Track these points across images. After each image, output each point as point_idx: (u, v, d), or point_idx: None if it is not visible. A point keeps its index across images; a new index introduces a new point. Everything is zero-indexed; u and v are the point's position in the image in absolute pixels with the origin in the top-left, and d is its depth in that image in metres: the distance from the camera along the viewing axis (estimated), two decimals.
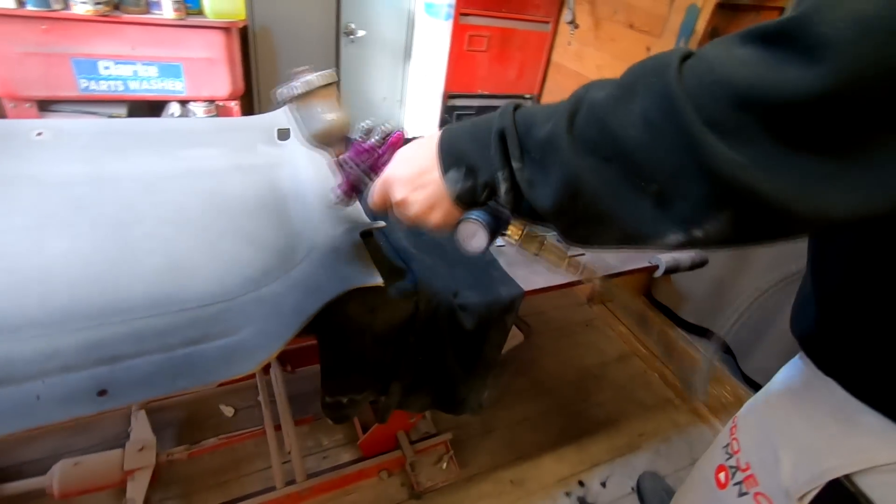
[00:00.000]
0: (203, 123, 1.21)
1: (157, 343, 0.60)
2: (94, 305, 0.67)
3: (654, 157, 0.34)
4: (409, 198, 0.53)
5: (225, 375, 0.57)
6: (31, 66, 1.54)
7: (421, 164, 0.52)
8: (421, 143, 0.53)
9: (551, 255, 0.58)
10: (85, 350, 0.58)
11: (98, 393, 0.54)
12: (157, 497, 1.31)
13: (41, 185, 0.95)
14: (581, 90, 0.41)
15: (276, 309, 0.65)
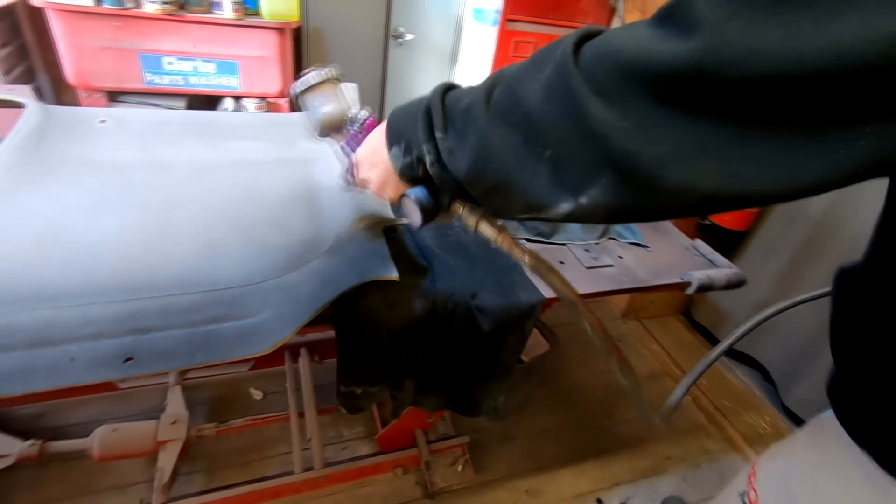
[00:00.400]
0: (249, 117, 1.27)
1: (182, 319, 0.63)
2: (132, 281, 0.72)
3: (548, 122, 0.37)
4: (367, 176, 0.61)
5: (239, 354, 0.60)
6: (104, 60, 1.67)
7: (374, 146, 0.58)
8: (380, 126, 0.59)
9: (488, 230, 0.59)
10: (118, 320, 0.62)
11: (124, 360, 0.58)
12: (185, 469, 1.38)
13: (100, 168, 1.03)
14: (505, 67, 0.45)
15: (293, 295, 0.68)
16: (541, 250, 1.09)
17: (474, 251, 1.02)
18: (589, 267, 1.05)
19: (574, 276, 1.01)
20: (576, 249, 1.10)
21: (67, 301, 0.65)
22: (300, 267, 0.78)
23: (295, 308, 0.65)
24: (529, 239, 1.11)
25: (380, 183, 0.59)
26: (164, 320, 0.63)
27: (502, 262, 1.00)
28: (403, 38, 2.22)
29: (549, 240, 1.11)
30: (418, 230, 0.65)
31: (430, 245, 0.98)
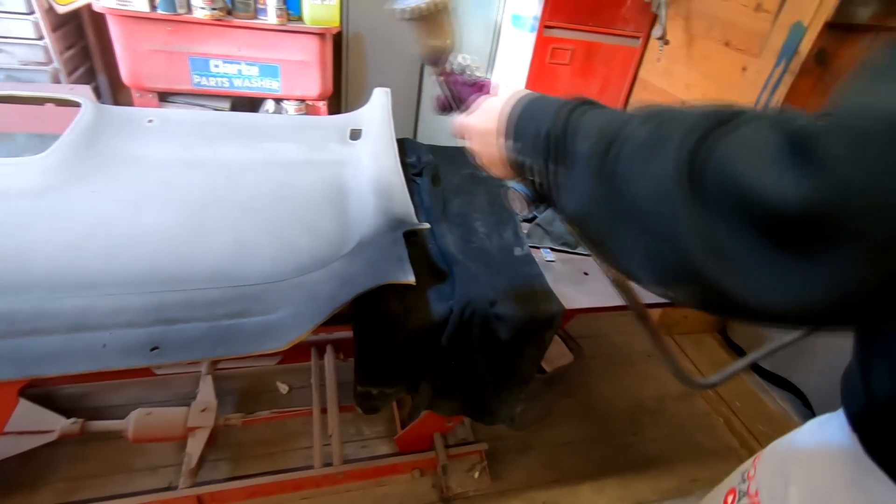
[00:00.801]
0: (285, 120, 1.32)
1: (207, 312, 0.66)
2: (164, 273, 0.76)
3: (651, 216, 0.37)
4: (477, 149, 0.60)
5: (258, 349, 0.62)
6: (156, 62, 1.76)
7: (488, 125, 0.56)
8: (498, 103, 0.56)
9: None
10: (147, 311, 0.66)
11: (151, 349, 0.61)
12: (212, 456, 1.43)
13: (145, 165, 1.09)
14: (627, 117, 0.43)
15: (312, 295, 0.70)
16: (566, 260, 1.08)
17: (497, 258, 1.02)
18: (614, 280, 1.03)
19: (597, 287, 1.00)
20: (589, 261, 1.08)
21: (105, 290, 0.70)
22: (322, 267, 0.80)
23: (313, 307, 0.67)
24: (555, 248, 1.10)
25: (489, 161, 0.58)
26: (190, 312, 0.66)
27: (524, 270, 1.00)
28: None
29: (574, 250, 1.10)
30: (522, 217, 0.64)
31: (452, 251, 0.99)
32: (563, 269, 1.04)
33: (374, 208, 0.93)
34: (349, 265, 0.75)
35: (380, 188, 1.00)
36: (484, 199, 1.24)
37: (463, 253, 1.01)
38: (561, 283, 0.99)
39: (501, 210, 1.20)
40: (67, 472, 1.34)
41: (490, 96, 0.59)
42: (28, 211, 0.92)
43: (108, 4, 1.61)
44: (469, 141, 0.61)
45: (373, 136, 1.22)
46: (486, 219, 1.16)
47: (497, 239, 1.09)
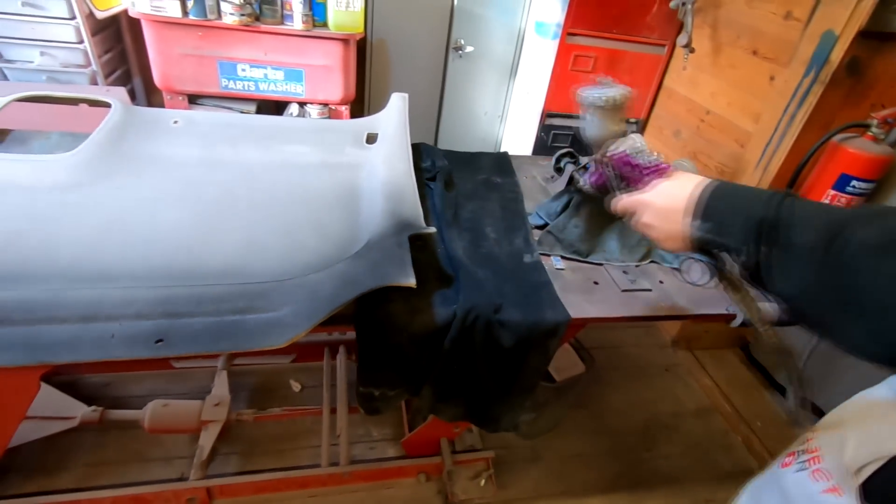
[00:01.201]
0: (304, 123, 1.34)
1: (212, 307, 0.68)
2: (176, 268, 0.78)
3: (885, 306, 0.41)
4: (654, 224, 0.66)
5: (259, 345, 0.64)
6: (187, 66, 1.83)
7: (675, 205, 0.63)
8: (680, 186, 0.64)
9: (746, 306, 0.71)
10: (156, 304, 0.68)
11: (156, 341, 0.63)
12: (224, 449, 1.46)
13: (167, 165, 1.13)
14: (847, 214, 0.48)
15: (313, 294, 0.71)
16: (576, 269, 1.06)
17: (505, 264, 1.02)
18: (625, 290, 1.01)
19: (606, 297, 0.98)
20: (613, 270, 1.06)
21: (120, 283, 0.73)
22: (328, 268, 0.81)
23: (313, 306, 0.68)
24: (565, 256, 1.09)
25: (665, 236, 0.65)
26: (196, 307, 0.68)
27: (532, 278, 0.99)
28: (464, 51, 2.25)
29: (585, 258, 1.08)
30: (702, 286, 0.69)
31: (460, 255, 0.99)
32: (573, 278, 1.03)
33: (383, 211, 0.94)
34: (352, 266, 0.76)
35: (390, 191, 1.01)
36: (496, 205, 1.24)
37: (471, 258, 1.01)
38: (569, 292, 0.98)
39: (513, 216, 1.19)
40: (87, 458, 1.39)
41: (665, 180, 0.67)
42: (55, 205, 0.96)
43: (143, 10, 1.68)
44: (642, 216, 0.68)
45: (388, 140, 1.23)
46: (497, 225, 1.16)
47: (507, 245, 1.09)
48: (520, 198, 1.28)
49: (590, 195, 1.04)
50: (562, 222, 1.10)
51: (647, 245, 1.11)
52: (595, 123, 0.78)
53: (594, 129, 0.79)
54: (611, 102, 0.75)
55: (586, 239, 1.09)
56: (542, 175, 1.43)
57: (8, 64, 1.85)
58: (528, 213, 1.22)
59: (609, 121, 0.77)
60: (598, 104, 0.75)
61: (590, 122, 0.78)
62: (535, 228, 1.17)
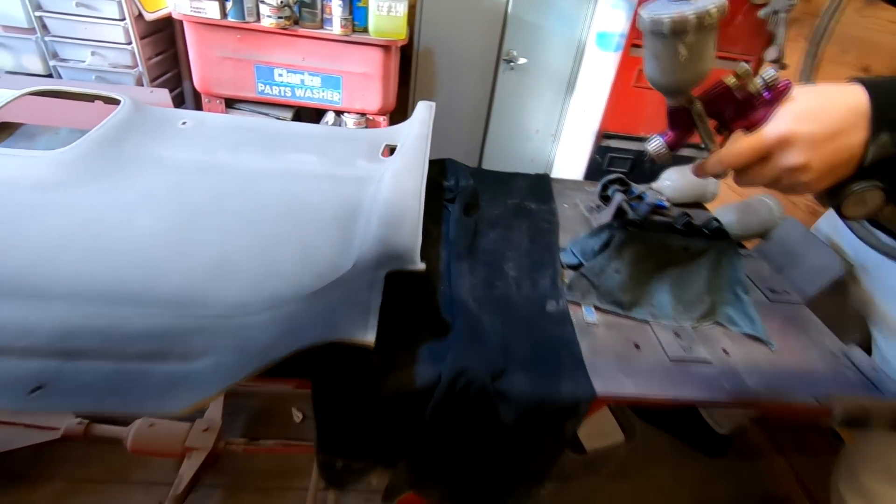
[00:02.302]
0: (316, 130, 1.22)
1: (117, 348, 0.54)
2: (121, 288, 0.67)
3: None
4: (812, 163, 0.48)
5: (152, 408, 0.48)
6: (225, 69, 1.78)
7: (837, 125, 0.47)
8: (831, 98, 0.48)
9: None
10: (55, 336, 0.55)
11: (32, 389, 0.49)
12: (209, 480, 1.34)
13: (162, 168, 1.03)
14: None
15: (243, 343, 0.55)
16: (613, 325, 0.84)
17: (521, 311, 0.82)
18: (675, 359, 0.78)
19: (649, 368, 0.75)
20: (661, 331, 0.83)
21: (54, 299, 0.61)
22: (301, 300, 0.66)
23: (237, 360, 0.52)
24: (601, 307, 0.87)
25: (828, 169, 0.48)
26: (99, 344, 0.54)
27: (553, 332, 0.78)
28: (516, 62, 2.08)
29: (626, 312, 0.86)
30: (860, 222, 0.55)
31: (464, 297, 0.80)
32: (608, 337, 0.81)
33: (374, 237, 0.78)
34: (303, 309, 0.60)
35: (389, 213, 0.85)
36: (524, 236, 1.04)
37: (479, 301, 0.82)
38: (600, 356, 0.77)
39: (542, 251, 0.99)
40: (69, 473, 1.31)
41: (789, 102, 0.50)
42: (26, 204, 0.88)
43: (184, 11, 1.66)
44: (795, 158, 0.48)
45: (403, 153, 1.07)
46: (520, 260, 0.96)
47: (528, 286, 0.89)
48: (554, 228, 1.08)
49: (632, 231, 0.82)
50: (599, 264, 0.88)
51: (710, 300, 0.87)
52: (674, 61, 0.49)
53: (681, 70, 0.50)
54: (704, 21, 0.46)
55: (629, 288, 0.86)
56: (587, 203, 1.21)
57: (62, 63, 1.89)
58: (563, 248, 1.01)
59: (698, 55, 0.49)
60: (686, 26, 0.46)
61: (672, 59, 0.49)
62: (566, 268, 0.96)
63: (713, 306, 0.87)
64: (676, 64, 0.49)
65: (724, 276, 0.88)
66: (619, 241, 0.86)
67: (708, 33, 0.48)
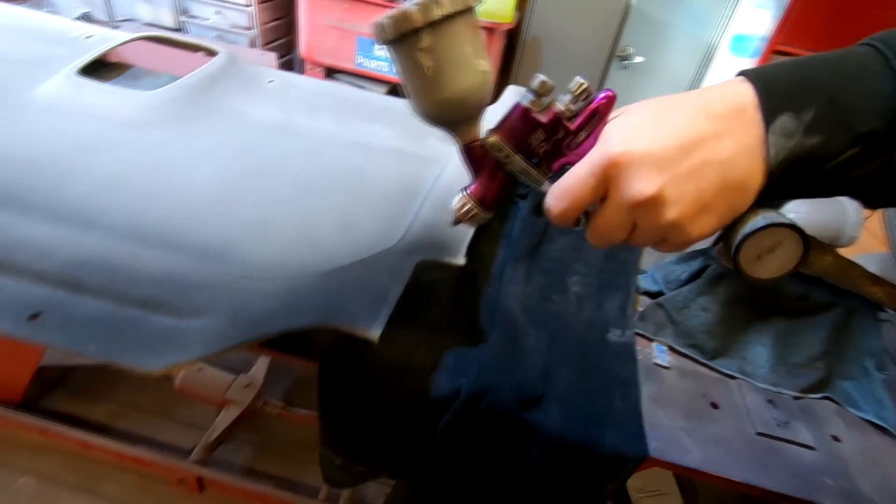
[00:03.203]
0: (395, 103, 1.16)
1: (120, 288, 0.51)
2: (160, 230, 0.65)
3: None
4: (668, 192, 0.31)
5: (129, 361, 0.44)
6: (329, 38, 1.80)
7: (688, 134, 0.31)
8: (674, 102, 0.33)
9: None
10: (71, 265, 0.53)
11: (31, 316, 0.47)
12: (241, 435, 1.36)
13: (237, 121, 1.03)
14: None
15: (240, 310, 0.49)
16: (688, 372, 0.69)
17: (576, 334, 0.69)
18: (761, 433, 0.61)
19: (725, 437, 0.60)
20: (750, 392, 0.67)
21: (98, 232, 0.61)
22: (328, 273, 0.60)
23: (227, 328, 0.47)
24: (676, 348, 0.72)
25: (699, 203, 0.32)
26: (106, 282, 0.52)
27: (611, 366, 0.65)
28: (631, 60, 1.88)
29: (708, 360, 0.70)
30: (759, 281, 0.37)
31: (511, 305, 0.69)
32: (679, 386, 0.66)
33: (422, 221, 0.70)
34: (312, 285, 0.53)
35: (447, 197, 0.76)
36: (599, 249, 0.90)
37: (529, 313, 0.71)
38: (664, 407, 0.62)
39: (617, 270, 0.85)
40: (123, 397, 1.39)
41: (620, 116, 0.34)
42: (110, 138, 0.91)
43: None
44: (642, 188, 0.31)
45: None
46: (589, 276, 0.83)
47: (591, 307, 0.76)
48: (637, 248, 0.92)
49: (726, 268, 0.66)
50: (684, 297, 0.73)
51: (824, 369, 0.68)
52: (421, 76, 0.35)
53: (434, 88, 0.35)
54: (432, 14, 0.32)
55: (717, 332, 0.70)
56: None
57: (190, 19, 2.02)
58: (644, 271, 0.86)
59: (448, 62, 0.34)
60: (413, 24, 0.32)
61: (418, 74, 0.35)
62: (642, 294, 0.81)
63: (828, 377, 0.68)
64: (424, 79, 0.35)
65: (850, 343, 0.68)
66: (714, 273, 0.70)
67: (451, 31, 0.34)
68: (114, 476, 1.23)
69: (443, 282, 0.70)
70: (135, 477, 1.23)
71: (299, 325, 0.45)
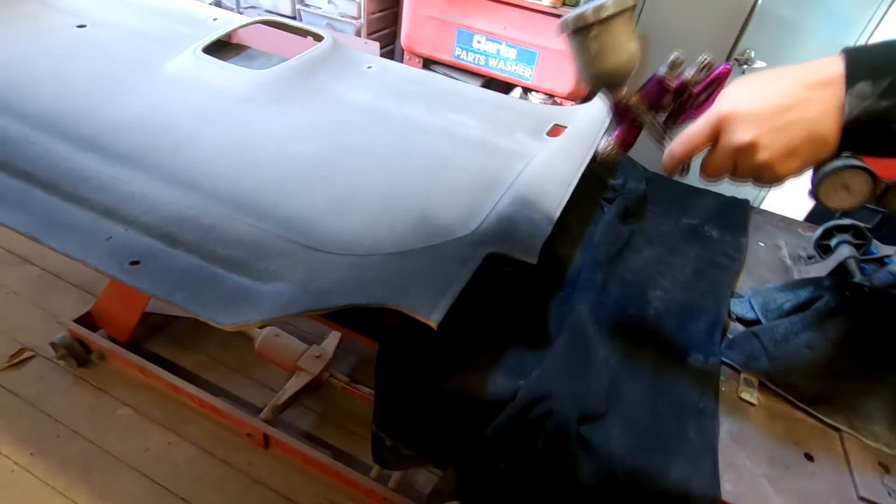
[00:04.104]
0: (486, 95, 1.15)
1: (211, 247, 0.55)
2: (247, 197, 0.70)
3: None
4: (762, 140, 0.42)
5: (208, 315, 0.47)
6: (429, 29, 1.82)
7: (784, 99, 0.42)
8: (778, 74, 0.43)
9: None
10: (172, 221, 0.58)
11: (131, 262, 0.52)
12: (306, 402, 1.43)
13: (334, 103, 1.08)
14: None
15: (310, 279, 0.51)
16: (780, 415, 0.61)
17: (650, 354, 0.64)
18: (864, 498, 0.53)
19: (818, 494, 0.52)
20: (857, 450, 0.58)
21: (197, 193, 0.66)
22: None
23: (296, 295, 0.48)
24: (769, 385, 0.64)
25: (787, 150, 0.42)
26: (200, 238, 0.56)
27: (684, 395, 0.60)
28: (751, 65, 1.71)
29: (807, 405, 0.61)
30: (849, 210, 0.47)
31: (583, 313, 0.66)
32: (766, 428, 0.59)
33: (498, 212, 0.68)
34: (382, 264, 0.53)
35: (525, 193, 0.74)
36: (689, 265, 0.83)
37: (602, 323, 0.67)
38: (746, 448, 0.56)
39: (708, 291, 0.77)
40: (211, 350, 1.52)
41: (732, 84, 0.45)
42: (222, 111, 0.99)
43: None
44: (743, 135, 0.43)
45: (569, 136, 0.94)
46: (674, 292, 0.77)
47: (673, 325, 0.70)
48: (734, 267, 0.84)
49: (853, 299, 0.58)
50: (786, 328, 0.64)
51: None
52: (589, 55, 0.49)
53: (591, 65, 0.49)
54: (599, 16, 0.46)
55: (821, 374, 0.61)
56: (795, 249, 0.93)
57: (305, 7, 2.15)
58: (739, 295, 0.78)
59: (608, 45, 0.48)
60: (586, 24, 0.47)
61: (581, 55, 0.49)
62: (735, 320, 0.73)
63: None
64: (589, 58, 0.50)
65: None
66: (828, 306, 0.61)
67: (611, 25, 0.48)
68: (196, 421, 1.35)
69: (514, 278, 0.68)
70: (213, 424, 1.34)
71: (363, 301, 0.45)
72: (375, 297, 0.45)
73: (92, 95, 0.96)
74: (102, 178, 0.63)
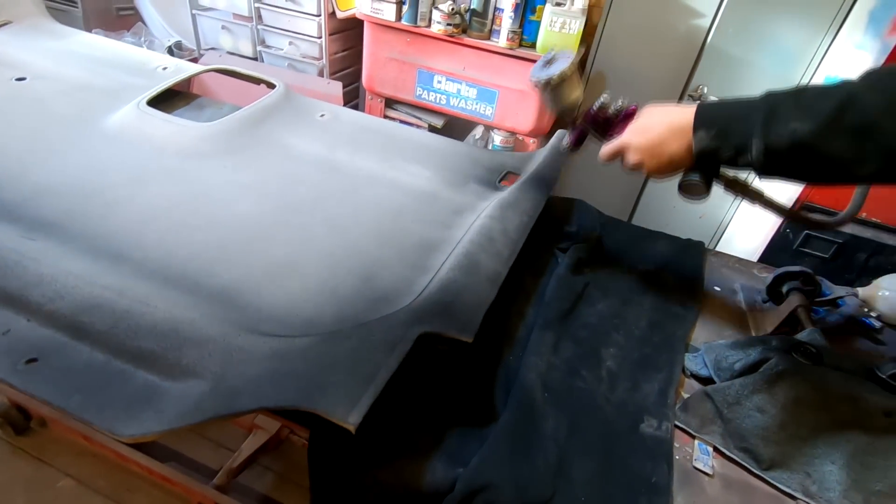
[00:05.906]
0: (440, 143, 1.14)
1: (120, 338, 0.51)
2: (179, 267, 0.67)
3: None
4: (644, 160, 0.67)
5: (104, 425, 0.42)
6: (390, 70, 1.82)
7: (658, 138, 0.64)
8: (655, 121, 0.66)
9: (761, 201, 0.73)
10: (83, 308, 0.53)
11: (28, 360, 0.47)
12: (264, 461, 1.36)
13: (283, 155, 1.05)
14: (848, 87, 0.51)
15: (225, 375, 0.47)
16: (735, 484, 0.59)
17: (601, 422, 0.61)
18: None
19: None
20: None
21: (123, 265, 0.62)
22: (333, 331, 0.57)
23: (205, 398, 0.44)
24: (721, 450, 0.61)
25: (657, 164, 0.66)
26: (108, 328, 0.51)
27: (636, 467, 0.57)
28: (704, 100, 1.75)
29: (761, 471, 0.59)
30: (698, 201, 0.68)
31: (531, 380, 0.63)
32: (722, 499, 0.56)
33: (439, 280, 0.65)
34: (311, 351, 0.50)
35: (467, 258, 0.71)
36: (644, 317, 0.81)
37: (551, 390, 0.64)
38: None
39: (662, 345, 0.76)
40: None
41: (639, 118, 0.70)
42: (163, 169, 0.95)
43: (365, 11, 1.73)
44: (632, 158, 0.68)
45: (521, 187, 0.93)
46: (628, 348, 0.75)
47: (625, 387, 0.67)
48: (689, 317, 0.83)
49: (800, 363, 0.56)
50: (736, 390, 0.62)
51: None
52: (555, 99, 0.78)
53: (556, 104, 0.79)
54: (562, 77, 0.75)
55: (776, 439, 0.59)
56: (751, 293, 0.92)
57: (266, 49, 2.14)
58: (695, 348, 0.76)
59: (566, 91, 0.77)
60: (552, 83, 0.76)
61: (549, 99, 0.79)
62: (689, 377, 0.71)
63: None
64: (552, 101, 0.78)
65: None
66: (775, 369, 0.60)
67: (561, 84, 0.76)
68: (144, 489, 1.26)
69: (457, 348, 0.65)
70: (162, 493, 1.26)
71: (276, 404, 0.41)
72: (289, 399, 0.41)
73: (22, 157, 0.91)
74: (10, 258, 0.58)
